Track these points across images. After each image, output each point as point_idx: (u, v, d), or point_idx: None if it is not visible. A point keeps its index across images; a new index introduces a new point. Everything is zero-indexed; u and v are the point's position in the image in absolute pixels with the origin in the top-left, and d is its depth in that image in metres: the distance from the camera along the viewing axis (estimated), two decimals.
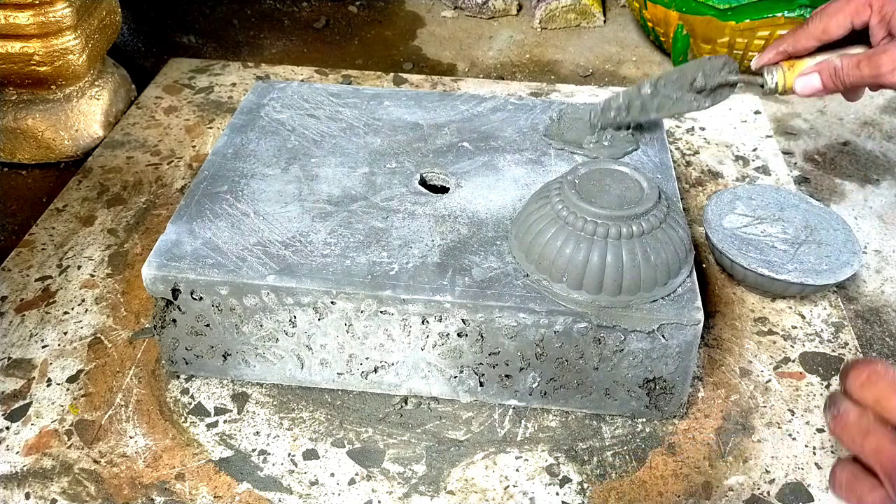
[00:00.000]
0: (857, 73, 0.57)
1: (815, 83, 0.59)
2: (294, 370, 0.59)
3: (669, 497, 0.54)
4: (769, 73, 0.62)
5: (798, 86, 0.60)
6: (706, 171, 0.84)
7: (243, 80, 0.98)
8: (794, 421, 0.59)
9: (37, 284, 0.68)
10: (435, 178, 0.66)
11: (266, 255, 0.56)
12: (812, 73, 0.59)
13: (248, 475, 0.54)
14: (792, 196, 0.74)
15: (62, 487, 0.53)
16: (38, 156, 0.85)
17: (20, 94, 0.84)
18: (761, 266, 0.66)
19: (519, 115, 0.73)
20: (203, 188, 0.62)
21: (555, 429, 0.58)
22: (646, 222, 0.53)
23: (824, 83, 0.59)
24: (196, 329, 0.57)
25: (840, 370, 0.45)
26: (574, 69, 1.08)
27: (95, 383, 0.60)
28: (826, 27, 0.59)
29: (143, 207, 0.77)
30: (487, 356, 0.56)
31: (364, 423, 0.58)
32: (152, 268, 0.55)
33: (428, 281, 0.55)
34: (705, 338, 0.65)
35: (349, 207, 0.61)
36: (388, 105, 0.74)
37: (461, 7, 1.21)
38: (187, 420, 0.58)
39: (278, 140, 0.68)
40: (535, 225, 0.55)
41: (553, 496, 0.54)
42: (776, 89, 0.61)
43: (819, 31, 0.59)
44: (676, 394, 0.57)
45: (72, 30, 0.81)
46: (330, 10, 1.21)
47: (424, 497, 0.53)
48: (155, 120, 0.90)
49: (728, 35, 0.96)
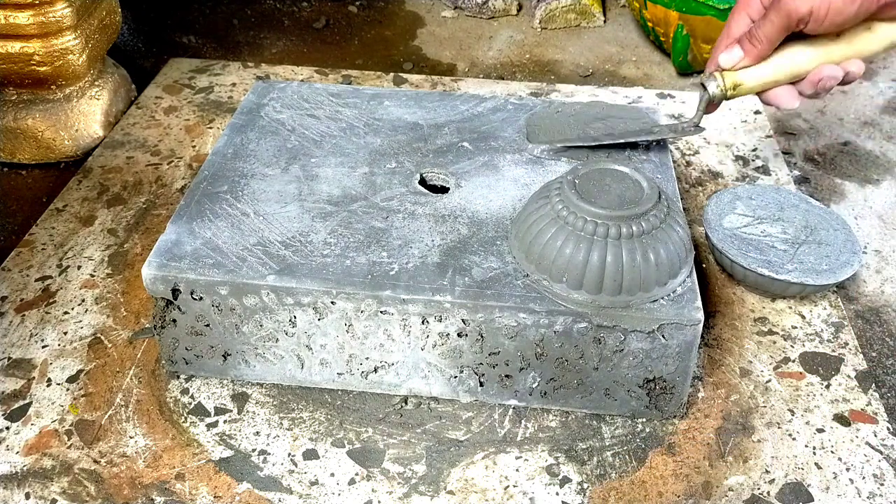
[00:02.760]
0: (767, 22, 0.59)
1: (737, 53, 0.61)
2: (294, 370, 0.59)
3: (669, 497, 0.54)
4: (709, 81, 0.63)
5: (722, 60, 0.62)
6: (706, 171, 0.84)
7: (243, 80, 0.98)
8: (794, 421, 0.59)
9: (37, 284, 0.68)
10: (435, 178, 0.66)
11: (266, 255, 0.56)
12: (733, 45, 0.61)
13: (248, 475, 0.54)
14: (792, 196, 0.74)
15: (62, 487, 0.53)
16: (38, 156, 0.85)
17: (20, 94, 0.84)
18: (761, 266, 0.66)
19: (519, 115, 0.73)
20: (203, 188, 0.62)
21: (555, 429, 0.58)
22: (646, 222, 0.53)
23: (745, 49, 0.61)
24: (196, 329, 0.57)
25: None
26: (574, 69, 1.08)
27: (95, 383, 0.60)
28: (728, 31, 0.63)
29: (143, 207, 0.77)
30: (487, 356, 0.56)
31: (364, 423, 0.58)
32: (152, 268, 0.55)
33: (428, 281, 0.55)
34: (705, 338, 0.65)
35: (349, 207, 0.61)
36: (388, 105, 0.74)
37: (461, 7, 1.21)
38: (187, 420, 0.58)
39: (278, 140, 0.68)
40: (535, 225, 0.55)
41: (553, 496, 0.54)
42: (721, 90, 0.63)
43: (725, 37, 0.63)
44: (676, 394, 0.57)
45: (72, 30, 0.81)
46: (330, 10, 1.21)
47: (424, 497, 0.53)
48: (155, 120, 0.90)
49: None
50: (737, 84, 0.62)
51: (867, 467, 0.56)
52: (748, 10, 0.62)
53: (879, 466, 0.56)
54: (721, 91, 0.63)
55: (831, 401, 0.60)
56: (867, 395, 0.61)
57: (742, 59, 0.61)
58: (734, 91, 0.63)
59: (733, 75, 0.62)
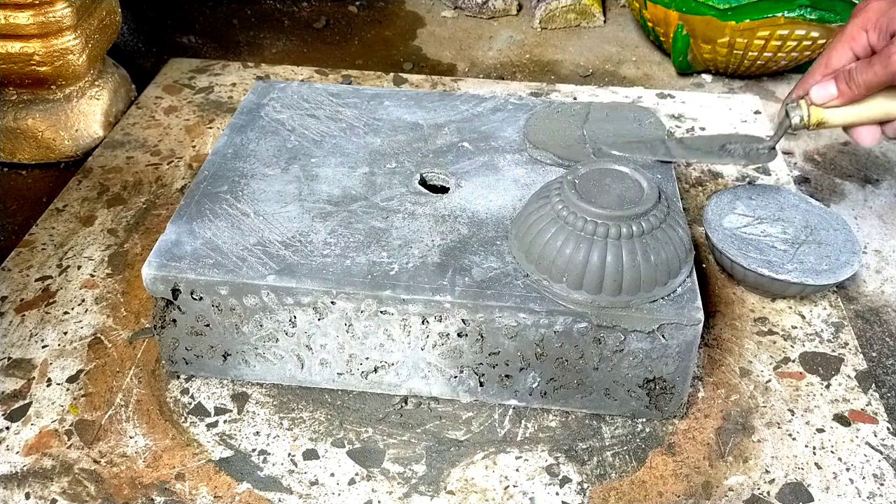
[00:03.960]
0: (870, 69, 0.57)
1: (832, 90, 0.59)
2: (294, 370, 0.59)
3: (669, 497, 0.54)
4: (793, 110, 0.62)
5: (814, 94, 0.60)
6: (706, 171, 0.84)
7: (243, 80, 0.98)
8: (794, 421, 0.59)
9: (37, 284, 0.68)
10: (435, 178, 0.66)
11: (266, 255, 0.56)
12: (829, 80, 0.60)
13: (248, 475, 0.54)
14: (792, 196, 0.74)
15: (62, 487, 0.53)
16: (38, 156, 0.85)
17: (20, 94, 0.84)
18: (761, 266, 0.66)
19: (519, 115, 0.73)
20: (203, 188, 0.62)
21: (555, 429, 0.58)
22: (646, 222, 0.53)
23: (840, 89, 0.59)
24: (196, 329, 0.57)
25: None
26: (574, 69, 1.08)
27: (95, 383, 0.60)
28: (828, 60, 0.60)
29: (143, 207, 0.77)
30: (487, 356, 0.56)
31: (364, 423, 0.58)
32: (152, 268, 0.55)
33: (428, 281, 0.55)
34: (705, 338, 0.65)
35: (349, 207, 0.61)
36: (388, 105, 0.74)
37: (461, 7, 1.21)
38: (187, 420, 0.58)
39: (278, 140, 0.68)
40: (535, 225, 0.55)
41: (553, 496, 0.54)
42: (803, 122, 0.61)
43: (822, 66, 0.60)
44: (676, 394, 0.57)
45: (72, 30, 0.81)
46: (330, 10, 1.21)
47: (424, 497, 0.53)
48: (155, 120, 0.90)
49: (728, 35, 0.96)
50: (821, 121, 0.61)
51: (867, 467, 0.56)
52: (853, 45, 0.59)
53: (879, 466, 0.56)
54: (803, 124, 0.61)
55: (831, 401, 0.60)
56: (867, 395, 0.61)
57: (835, 98, 0.59)
58: (816, 127, 0.61)
59: (820, 112, 0.60)
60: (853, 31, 0.59)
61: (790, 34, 0.94)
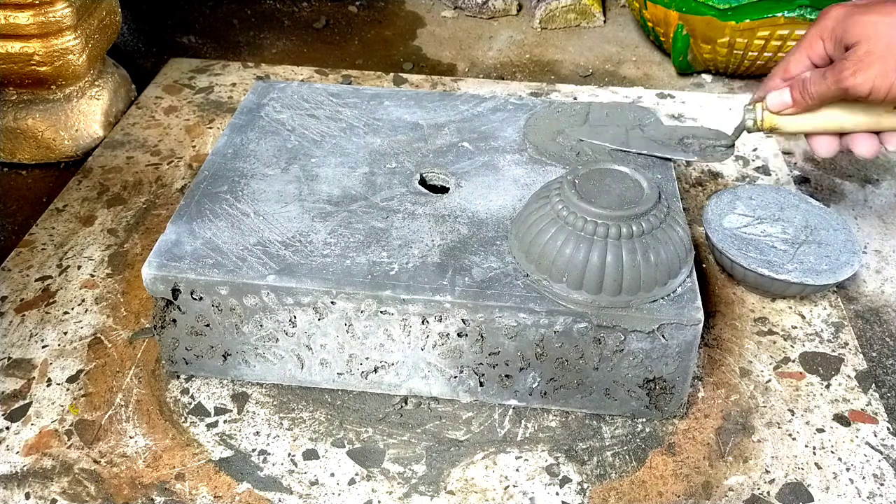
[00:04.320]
0: (822, 82, 0.57)
1: (786, 98, 0.60)
2: (294, 370, 0.59)
3: (669, 497, 0.54)
4: (749, 112, 0.62)
5: (769, 101, 0.60)
6: (706, 171, 0.84)
7: (243, 80, 0.98)
8: (794, 421, 0.59)
9: (37, 284, 0.68)
10: (435, 178, 0.66)
11: (266, 255, 0.56)
12: (783, 88, 0.60)
13: (248, 475, 0.54)
14: (792, 196, 0.74)
15: (62, 487, 0.53)
16: (38, 156, 0.85)
17: (20, 94, 0.84)
18: (761, 266, 0.66)
19: (519, 115, 0.73)
20: (203, 188, 0.62)
21: (555, 429, 0.58)
22: (646, 222, 0.53)
23: (794, 98, 0.59)
24: (196, 329, 0.57)
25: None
26: (574, 69, 1.08)
27: (95, 383, 0.60)
28: (787, 66, 0.60)
29: (143, 207, 0.77)
30: (487, 356, 0.56)
31: (364, 423, 0.58)
32: (152, 268, 0.55)
33: (428, 281, 0.55)
34: (705, 338, 0.65)
35: (349, 207, 0.61)
36: (388, 105, 0.74)
37: (461, 7, 1.21)
38: (187, 420, 0.58)
39: (278, 140, 0.68)
40: (535, 225, 0.55)
41: (553, 496, 0.54)
42: (756, 125, 0.62)
43: (781, 71, 0.61)
44: (676, 394, 0.57)
45: (72, 30, 0.81)
46: (330, 10, 1.21)
47: (424, 497, 0.53)
48: (155, 120, 0.90)
49: (728, 35, 0.96)
50: (774, 127, 0.61)
51: (867, 467, 0.56)
52: (810, 53, 0.59)
53: (879, 466, 0.56)
54: (756, 128, 0.62)
55: (831, 401, 0.60)
56: (867, 395, 0.61)
57: (789, 106, 0.60)
58: (769, 133, 0.62)
59: (773, 118, 0.61)
60: (811, 39, 0.59)
61: (790, 34, 0.94)
